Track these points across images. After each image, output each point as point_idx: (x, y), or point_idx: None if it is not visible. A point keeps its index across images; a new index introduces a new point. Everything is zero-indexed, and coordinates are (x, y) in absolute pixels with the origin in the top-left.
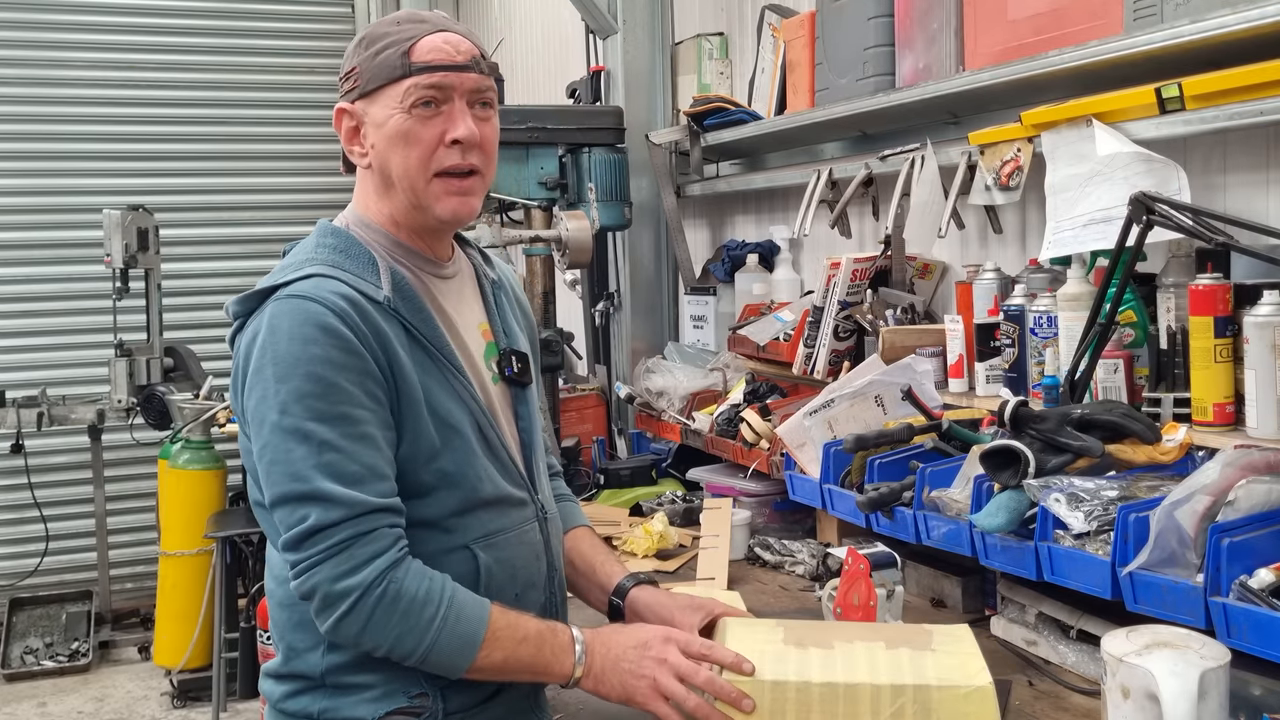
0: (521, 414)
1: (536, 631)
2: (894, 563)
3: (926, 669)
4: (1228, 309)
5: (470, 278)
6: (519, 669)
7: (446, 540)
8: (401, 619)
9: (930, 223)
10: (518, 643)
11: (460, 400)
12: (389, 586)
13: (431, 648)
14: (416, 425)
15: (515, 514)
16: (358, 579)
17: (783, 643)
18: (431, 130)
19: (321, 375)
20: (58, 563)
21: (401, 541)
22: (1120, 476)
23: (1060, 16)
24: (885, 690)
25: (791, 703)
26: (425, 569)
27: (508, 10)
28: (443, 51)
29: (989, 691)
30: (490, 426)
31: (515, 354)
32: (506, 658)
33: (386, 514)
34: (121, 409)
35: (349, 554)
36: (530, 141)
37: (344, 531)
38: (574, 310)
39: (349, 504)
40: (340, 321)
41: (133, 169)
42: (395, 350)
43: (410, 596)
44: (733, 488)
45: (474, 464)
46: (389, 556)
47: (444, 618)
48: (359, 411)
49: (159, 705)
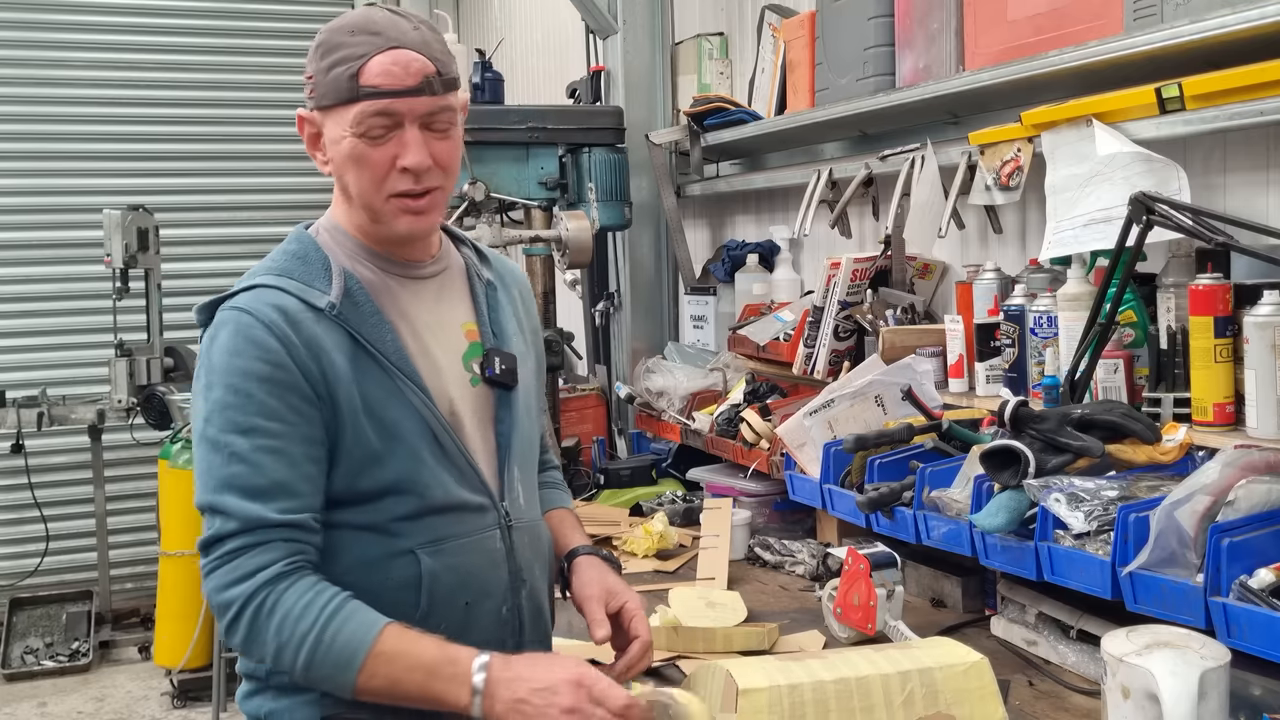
0: (501, 417)
1: (431, 660)
2: (894, 563)
3: (922, 658)
4: (1228, 309)
5: (459, 276)
6: (409, 696)
7: (390, 544)
8: (276, 634)
9: (930, 223)
10: (406, 670)
11: (409, 407)
12: (267, 599)
13: (309, 665)
14: (355, 433)
15: (472, 520)
16: (238, 590)
17: (780, 660)
18: (383, 154)
19: (240, 387)
20: (58, 563)
21: (295, 557)
22: (1120, 476)
23: (1060, 16)
24: (894, 678)
25: (809, 704)
26: (317, 585)
27: (508, 10)
28: (391, 75)
29: (985, 664)
30: (446, 432)
31: (500, 355)
32: (392, 684)
33: (283, 529)
34: (121, 409)
35: (235, 565)
36: (530, 141)
37: (234, 543)
38: (574, 310)
39: (243, 518)
40: (268, 333)
41: (133, 169)
42: (332, 359)
43: (286, 611)
44: (733, 488)
45: (420, 471)
46: (273, 570)
47: (318, 636)
48: (274, 425)
49: (159, 705)
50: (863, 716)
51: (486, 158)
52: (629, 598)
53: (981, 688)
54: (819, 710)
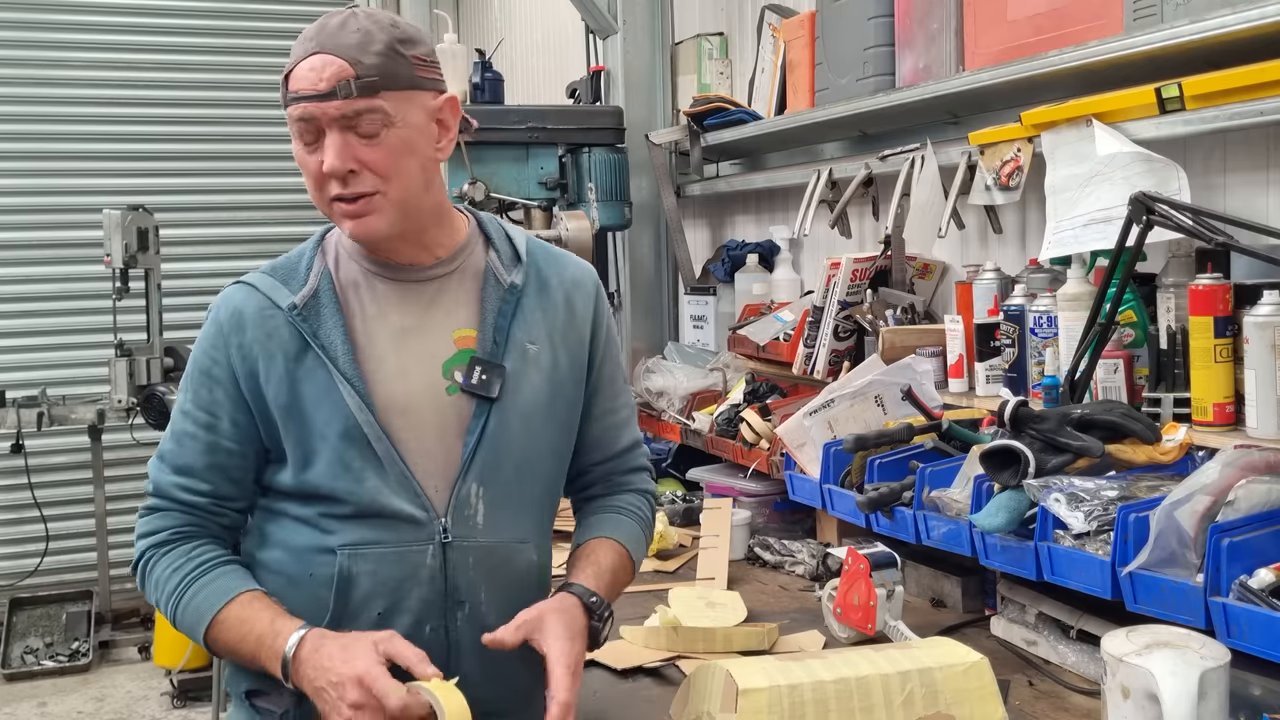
0: (473, 428)
1: (258, 635)
2: (894, 563)
3: (922, 658)
4: (1228, 309)
5: (471, 279)
6: (246, 663)
7: (319, 540)
8: (153, 589)
9: (930, 223)
10: (239, 639)
11: (341, 409)
12: (153, 559)
13: (176, 620)
14: (286, 432)
15: (402, 531)
16: (139, 545)
17: (780, 660)
18: (314, 160)
19: (191, 372)
20: (58, 563)
21: (185, 527)
22: (1120, 476)
23: (1060, 16)
24: (894, 678)
25: (809, 704)
26: (191, 551)
27: (508, 10)
28: (306, 80)
29: (985, 664)
30: (383, 439)
31: (484, 364)
32: (231, 649)
33: (182, 505)
34: (121, 409)
35: (143, 522)
36: (530, 141)
37: (147, 502)
38: None
39: (156, 484)
40: (218, 331)
41: (133, 169)
42: (275, 360)
43: (160, 572)
44: (733, 488)
45: (342, 476)
46: (162, 535)
47: (179, 598)
48: (200, 414)
49: (159, 705)
50: (863, 716)
51: (486, 158)
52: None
53: (981, 688)
54: (819, 710)
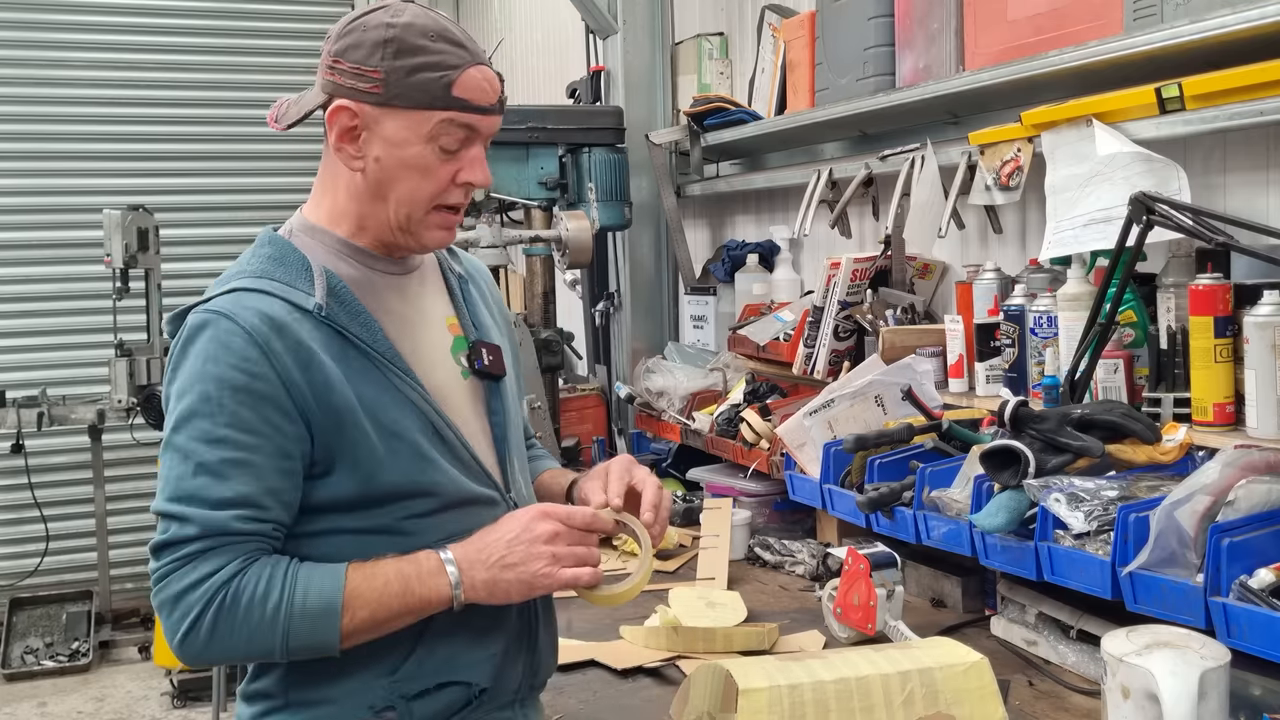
0: (495, 408)
1: (397, 570)
2: (894, 563)
3: (922, 658)
4: (1228, 309)
5: (434, 271)
6: (394, 614)
7: (404, 544)
8: (244, 622)
9: (930, 223)
10: (381, 590)
11: (407, 403)
12: (227, 595)
13: (288, 635)
14: (358, 438)
15: (484, 513)
16: (197, 594)
17: (780, 660)
18: (448, 168)
19: (212, 395)
20: (58, 563)
21: (248, 556)
22: (1120, 476)
23: (1060, 16)
24: (894, 678)
25: (809, 704)
26: (266, 564)
27: (508, 10)
28: (482, 92)
29: (985, 664)
30: (447, 426)
31: (486, 346)
32: (375, 610)
33: (243, 537)
34: (121, 409)
35: (192, 567)
36: (530, 141)
37: (192, 547)
38: (574, 310)
39: (203, 524)
40: (249, 340)
41: (133, 169)
42: (322, 363)
43: (250, 595)
44: (733, 488)
45: (427, 469)
46: (230, 569)
47: (289, 599)
48: (244, 437)
49: (159, 705)
50: (863, 716)
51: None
52: (640, 472)
53: (981, 688)
54: (819, 710)
